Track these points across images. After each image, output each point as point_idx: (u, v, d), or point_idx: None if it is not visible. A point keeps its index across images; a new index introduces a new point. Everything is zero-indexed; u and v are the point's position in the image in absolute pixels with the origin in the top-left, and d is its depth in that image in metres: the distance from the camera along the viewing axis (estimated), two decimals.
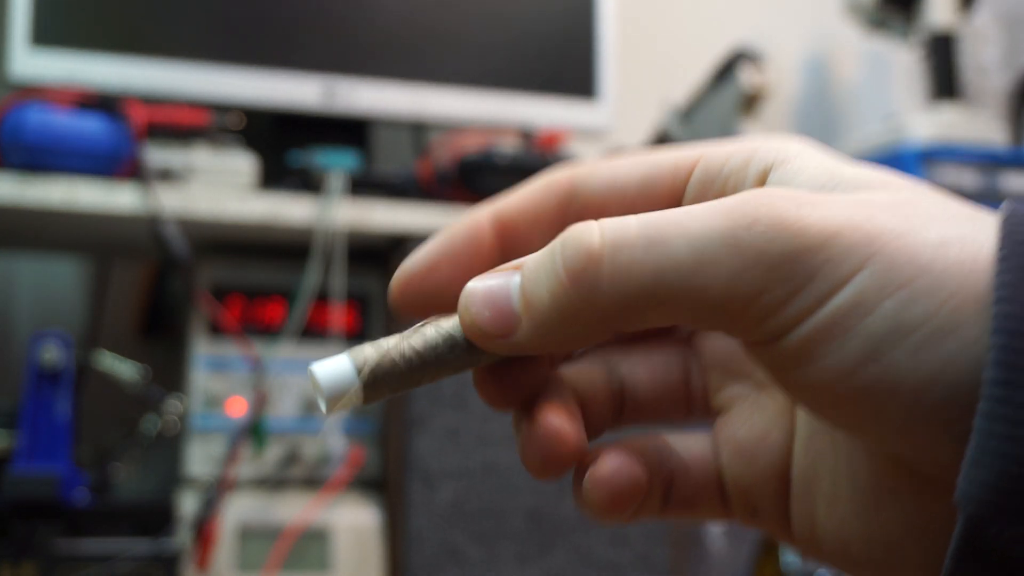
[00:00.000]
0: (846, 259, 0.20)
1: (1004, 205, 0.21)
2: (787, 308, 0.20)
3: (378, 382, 0.24)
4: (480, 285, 0.23)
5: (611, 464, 0.24)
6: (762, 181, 0.23)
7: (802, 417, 0.26)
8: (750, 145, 0.24)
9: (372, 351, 0.24)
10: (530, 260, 0.23)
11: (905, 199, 0.21)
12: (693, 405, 0.28)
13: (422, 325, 0.24)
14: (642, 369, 0.28)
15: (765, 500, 0.26)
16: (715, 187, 0.24)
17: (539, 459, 0.24)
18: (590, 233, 0.22)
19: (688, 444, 0.27)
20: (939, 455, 0.20)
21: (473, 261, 0.26)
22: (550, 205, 0.26)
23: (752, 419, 0.26)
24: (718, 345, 0.28)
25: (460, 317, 0.24)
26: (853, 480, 0.24)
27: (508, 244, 0.26)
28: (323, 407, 0.24)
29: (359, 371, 0.24)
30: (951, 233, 0.20)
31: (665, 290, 0.21)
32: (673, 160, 0.25)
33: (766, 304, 0.20)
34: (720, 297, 0.21)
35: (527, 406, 0.25)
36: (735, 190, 0.24)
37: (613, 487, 0.24)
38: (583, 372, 0.27)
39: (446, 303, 0.25)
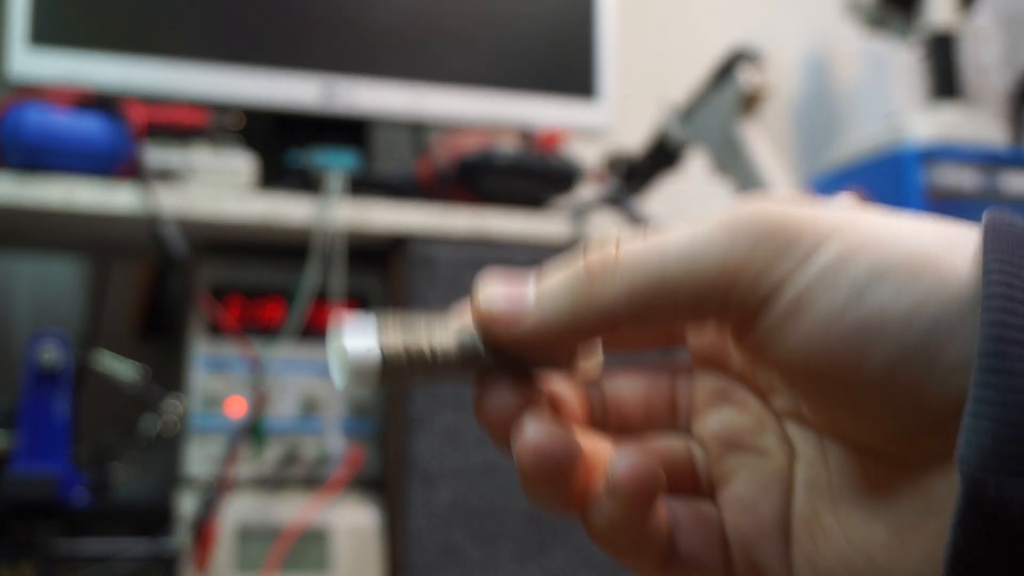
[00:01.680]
0: (827, 225, 0.23)
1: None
2: (776, 269, 0.23)
3: (395, 371, 0.25)
4: (499, 286, 0.25)
5: (629, 457, 0.25)
6: None
7: (801, 464, 0.27)
8: None
9: (396, 338, 0.25)
10: (549, 272, 0.25)
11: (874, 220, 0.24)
12: (679, 418, 0.29)
13: (445, 318, 0.26)
14: (626, 388, 0.30)
15: (768, 553, 0.26)
16: None
17: (534, 465, 0.25)
18: (609, 244, 0.25)
19: (691, 504, 0.28)
20: (925, 415, 0.21)
21: None
22: None
23: (752, 478, 0.27)
24: (715, 421, 0.29)
25: (472, 305, 0.26)
26: (848, 497, 0.25)
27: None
28: (338, 380, 0.25)
29: (384, 355, 0.24)
30: (906, 226, 0.23)
31: (668, 276, 0.23)
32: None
33: (757, 269, 0.23)
34: (715, 272, 0.23)
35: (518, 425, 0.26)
36: None
37: (637, 476, 0.25)
38: (564, 388, 0.29)
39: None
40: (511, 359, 0.26)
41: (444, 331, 0.25)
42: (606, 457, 0.26)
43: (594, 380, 0.30)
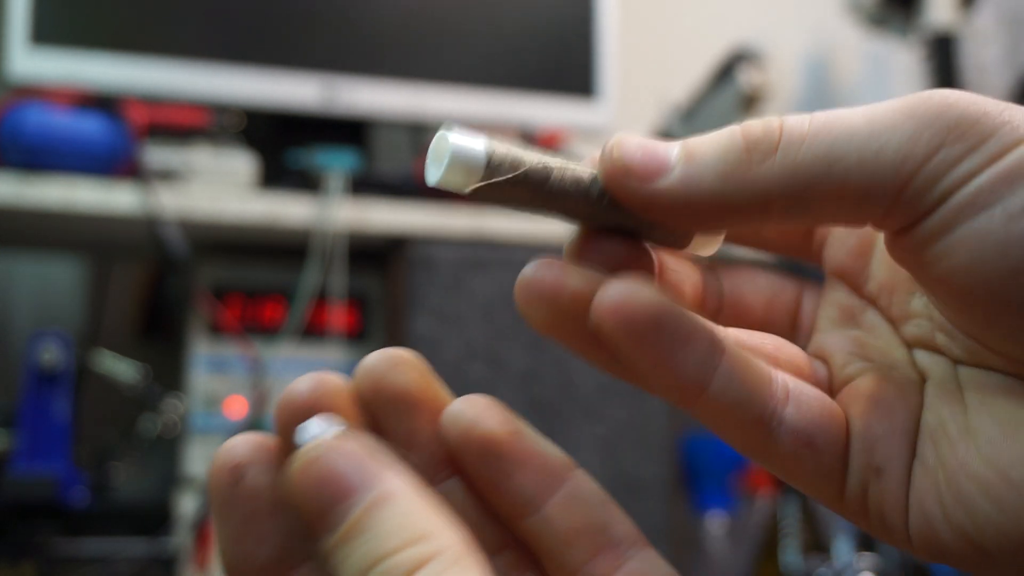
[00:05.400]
0: (1020, 128, 0.20)
1: None
2: (962, 164, 0.20)
3: (498, 173, 0.22)
4: (637, 139, 0.22)
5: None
6: None
7: (932, 385, 0.25)
8: None
9: (507, 147, 0.23)
10: (699, 137, 0.22)
11: None
12: (798, 332, 0.27)
13: (562, 159, 0.23)
14: (747, 285, 0.27)
15: (893, 457, 0.24)
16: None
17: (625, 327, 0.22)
18: (773, 117, 0.22)
19: (808, 386, 0.25)
20: None
21: None
22: None
23: (885, 381, 0.25)
24: (840, 337, 0.27)
25: (602, 155, 0.22)
26: (987, 418, 0.23)
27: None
28: (434, 174, 0.23)
29: (488, 156, 0.22)
30: None
31: (839, 159, 0.21)
32: None
33: (942, 161, 0.21)
34: (894, 161, 0.21)
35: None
36: None
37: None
38: (680, 267, 0.26)
39: None
40: (626, 220, 0.23)
41: (562, 162, 0.23)
42: None
43: (712, 267, 0.27)
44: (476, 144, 0.22)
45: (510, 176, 0.22)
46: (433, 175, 0.22)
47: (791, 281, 0.28)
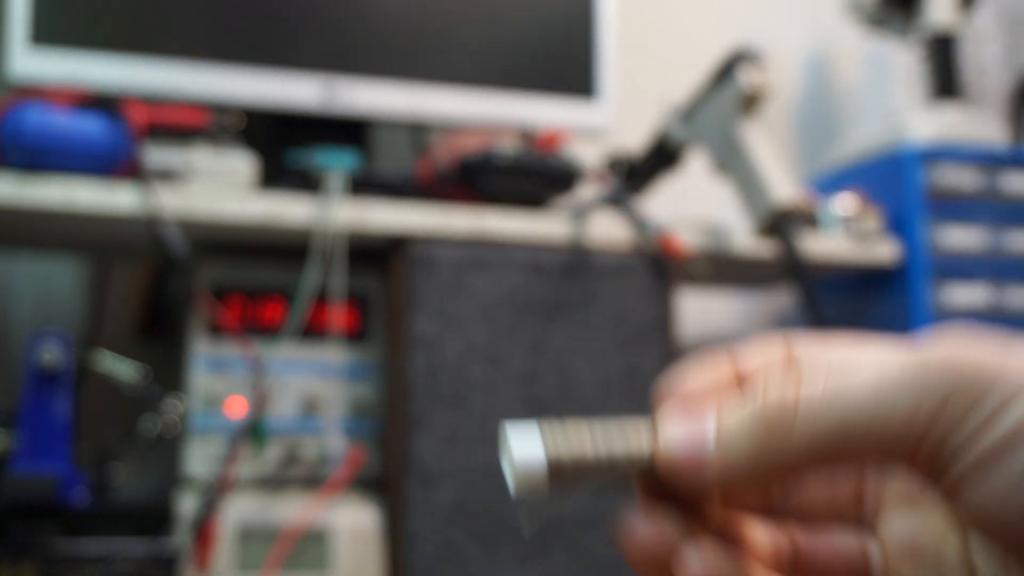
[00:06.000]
0: (1016, 382, 0.22)
1: None
2: (965, 426, 0.22)
3: (564, 479, 0.25)
4: (679, 426, 0.25)
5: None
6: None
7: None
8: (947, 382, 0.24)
9: (563, 445, 0.25)
10: (727, 408, 0.25)
11: None
12: (863, 519, 0.29)
13: (616, 428, 0.26)
14: (820, 541, 0.29)
15: None
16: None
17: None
18: (784, 386, 0.24)
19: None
20: None
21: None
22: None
23: (927, 521, 0.27)
24: (901, 524, 0.28)
25: (656, 450, 0.25)
26: None
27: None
28: (511, 488, 0.25)
29: (550, 463, 0.25)
30: None
31: (852, 426, 0.23)
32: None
33: (946, 424, 0.22)
34: (902, 425, 0.23)
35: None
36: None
37: None
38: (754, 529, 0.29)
39: None
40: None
41: (613, 439, 0.26)
42: None
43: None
44: (536, 455, 0.25)
45: (576, 483, 0.25)
46: (511, 489, 0.25)
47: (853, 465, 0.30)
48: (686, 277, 1.09)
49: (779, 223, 1.04)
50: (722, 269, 1.15)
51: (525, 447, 0.25)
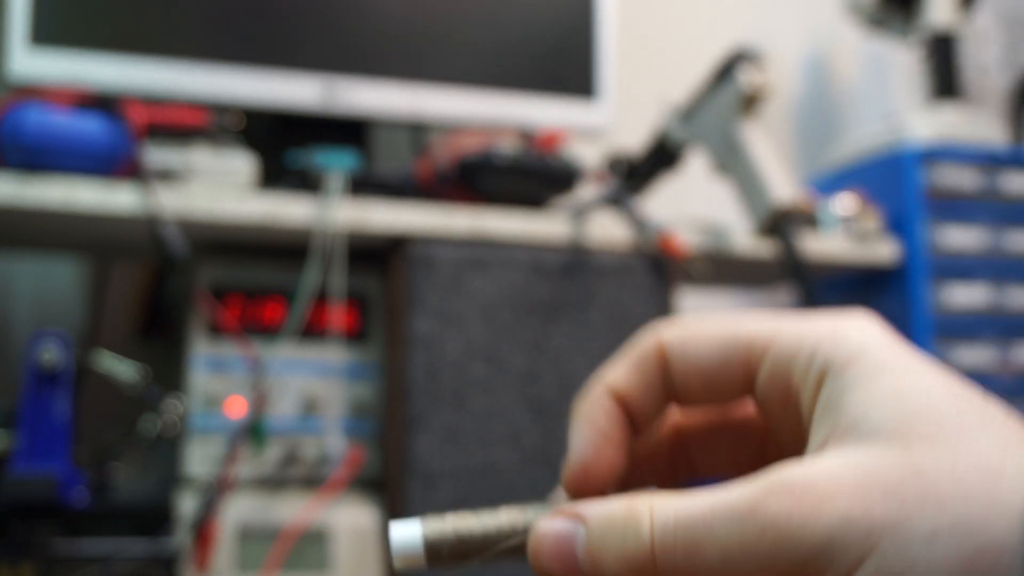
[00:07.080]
0: (846, 557, 0.23)
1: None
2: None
3: (440, 553, 0.28)
4: (550, 532, 0.27)
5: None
6: (819, 385, 0.26)
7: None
8: (813, 337, 0.27)
9: (446, 527, 0.28)
10: (596, 520, 0.26)
11: (917, 465, 0.23)
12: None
13: (496, 512, 0.28)
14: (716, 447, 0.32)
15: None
16: (781, 384, 0.28)
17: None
18: (642, 528, 0.26)
19: None
20: None
21: (618, 433, 0.30)
22: (652, 378, 0.30)
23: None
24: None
25: (530, 558, 0.27)
26: None
27: (627, 410, 0.31)
28: (394, 563, 0.28)
29: (426, 541, 0.28)
30: (947, 519, 0.22)
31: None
32: (748, 339, 0.28)
33: None
34: None
35: None
36: (797, 396, 0.27)
37: None
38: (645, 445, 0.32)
39: (611, 483, 0.29)
40: None
41: (493, 523, 0.28)
42: None
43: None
44: (414, 533, 0.28)
45: (454, 558, 0.28)
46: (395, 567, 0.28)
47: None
48: (686, 277, 1.09)
49: (779, 223, 1.04)
50: (722, 269, 1.15)
51: (404, 529, 0.27)
